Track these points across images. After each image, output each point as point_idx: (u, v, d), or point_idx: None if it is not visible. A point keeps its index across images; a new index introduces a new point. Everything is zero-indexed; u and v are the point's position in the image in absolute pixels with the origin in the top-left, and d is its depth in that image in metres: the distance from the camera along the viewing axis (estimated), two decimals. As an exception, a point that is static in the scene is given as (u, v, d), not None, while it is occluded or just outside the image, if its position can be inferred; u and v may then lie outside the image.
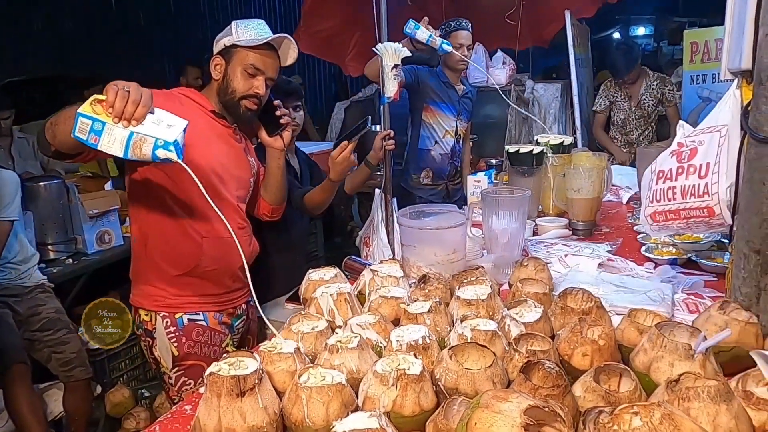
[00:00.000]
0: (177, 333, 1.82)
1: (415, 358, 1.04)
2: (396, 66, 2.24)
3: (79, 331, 2.94)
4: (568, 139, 2.56)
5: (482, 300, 1.31)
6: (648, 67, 4.46)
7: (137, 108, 1.28)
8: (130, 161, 1.74)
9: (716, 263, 1.75)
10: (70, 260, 3.15)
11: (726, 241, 1.81)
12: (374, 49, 2.27)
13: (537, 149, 2.40)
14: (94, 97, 1.29)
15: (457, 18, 3.36)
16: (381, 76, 2.26)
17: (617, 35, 10.11)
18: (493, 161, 4.48)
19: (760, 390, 0.94)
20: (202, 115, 1.80)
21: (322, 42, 4.43)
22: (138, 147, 1.29)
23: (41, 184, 3.13)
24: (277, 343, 1.16)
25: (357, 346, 1.11)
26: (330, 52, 4.72)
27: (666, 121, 4.44)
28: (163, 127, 1.31)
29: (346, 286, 1.46)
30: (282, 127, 1.95)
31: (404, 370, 1.00)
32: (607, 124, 4.54)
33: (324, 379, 1.01)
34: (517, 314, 1.26)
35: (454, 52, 2.93)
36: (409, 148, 3.56)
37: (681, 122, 1.52)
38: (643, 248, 1.95)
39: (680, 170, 1.41)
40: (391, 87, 2.25)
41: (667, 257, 1.85)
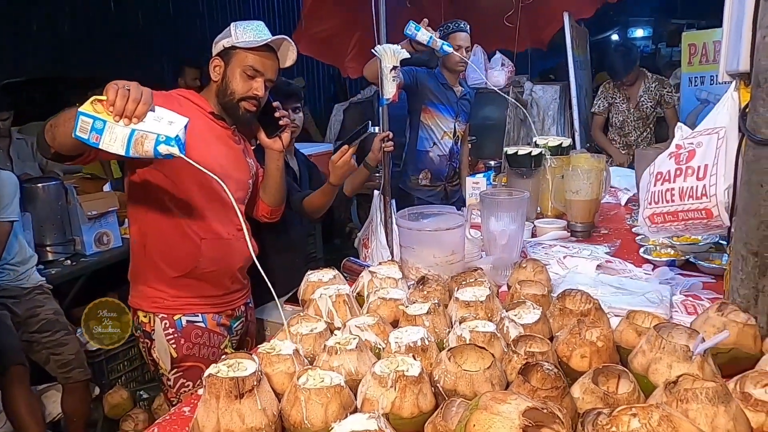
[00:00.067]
0: (176, 334, 1.82)
1: (414, 359, 1.04)
2: (395, 67, 2.24)
3: (78, 333, 2.94)
4: (566, 141, 2.56)
5: (481, 302, 1.32)
6: (646, 69, 4.47)
7: (138, 106, 1.28)
8: (130, 162, 1.75)
9: (714, 265, 1.76)
10: (69, 261, 3.15)
11: (724, 243, 1.81)
12: (373, 50, 2.28)
13: (535, 151, 2.40)
14: (95, 97, 1.30)
15: (456, 20, 3.37)
16: (380, 77, 2.26)
17: (616, 37, 10.14)
18: (492, 163, 4.49)
19: (758, 391, 0.94)
20: (201, 116, 1.80)
21: (321, 43, 4.44)
22: (140, 144, 1.30)
23: (40, 185, 3.12)
24: (275, 344, 1.16)
25: (356, 347, 1.11)
26: (329, 54, 4.73)
27: (664, 122, 4.44)
28: (165, 124, 1.32)
29: (345, 288, 1.46)
30: (281, 128, 1.95)
31: (403, 371, 1.00)
32: (606, 126, 4.55)
33: (323, 381, 1.01)
34: (515, 316, 1.27)
35: (454, 54, 2.94)
36: (408, 150, 3.56)
37: (679, 124, 1.53)
38: (642, 250, 1.96)
39: (678, 172, 1.41)
40: (390, 89, 2.25)
41: (666, 259, 1.86)
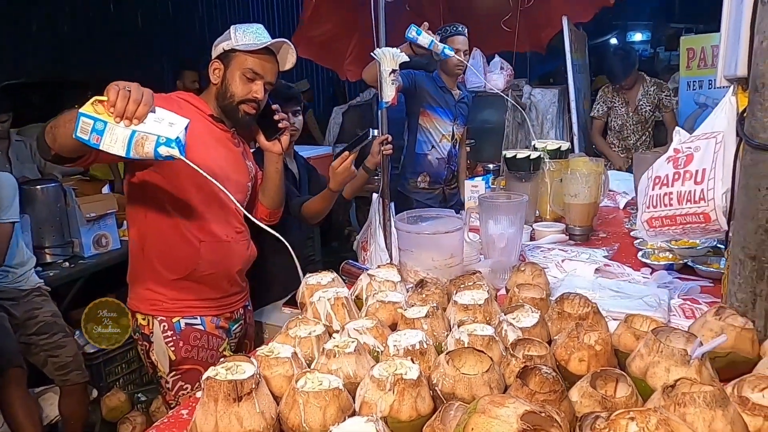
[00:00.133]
0: (174, 337, 1.82)
1: (412, 363, 1.04)
2: (394, 71, 2.25)
3: (76, 335, 2.94)
4: (565, 145, 2.57)
5: (479, 305, 1.32)
6: (645, 73, 4.49)
7: (138, 107, 1.29)
8: (130, 164, 1.75)
9: (712, 269, 1.76)
10: (67, 264, 3.14)
11: (722, 247, 1.81)
12: (372, 54, 2.28)
13: (534, 154, 2.40)
14: (96, 98, 1.30)
15: (454, 23, 3.38)
16: (379, 81, 2.27)
17: (614, 41, 10.16)
18: (491, 166, 4.48)
19: (756, 395, 0.94)
20: (201, 119, 1.81)
21: (320, 47, 4.44)
22: (140, 145, 1.30)
23: (38, 187, 3.12)
24: (274, 347, 1.16)
25: (354, 350, 1.11)
26: (327, 57, 4.73)
27: (663, 126, 4.45)
28: (165, 125, 1.32)
29: (344, 291, 1.46)
30: (280, 131, 1.95)
31: (401, 374, 1.00)
32: (605, 130, 4.56)
33: (321, 384, 1.01)
34: (514, 319, 1.27)
35: (454, 56, 2.95)
36: (406, 153, 3.57)
37: (677, 128, 1.53)
38: (640, 253, 1.96)
39: (676, 176, 1.41)
40: (389, 92, 2.26)
41: (664, 263, 1.86)
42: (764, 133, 1.14)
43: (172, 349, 1.81)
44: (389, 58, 2.23)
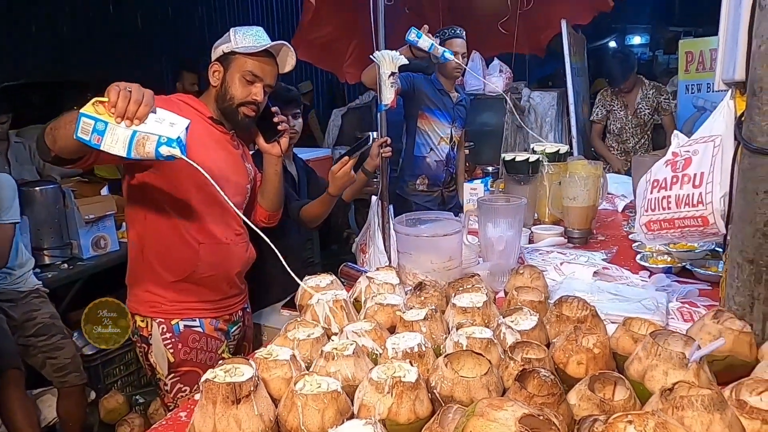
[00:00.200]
0: (173, 339, 1.82)
1: (411, 365, 1.04)
2: (393, 74, 2.25)
3: (74, 336, 2.93)
4: (563, 148, 2.57)
5: (478, 308, 1.32)
6: (644, 76, 4.49)
7: (139, 107, 1.29)
8: (129, 165, 1.74)
9: (711, 272, 1.76)
10: (66, 265, 3.14)
11: (720, 250, 1.82)
12: (371, 56, 2.29)
13: (533, 157, 2.41)
14: (97, 98, 1.30)
15: (452, 26, 3.39)
16: (378, 83, 2.27)
17: (613, 44, 10.19)
18: (490, 169, 4.50)
19: (754, 399, 0.94)
20: (200, 121, 1.81)
21: (320, 49, 4.44)
22: (141, 145, 1.30)
23: (37, 189, 3.12)
24: (272, 349, 1.16)
25: (353, 353, 1.11)
26: (327, 60, 4.73)
27: (662, 129, 4.46)
28: (166, 125, 1.32)
29: (342, 293, 1.46)
30: (279, 133, 1.95)
31: (400, 377, 1.00)
32: (604, 133, 4.57)
33: (319, 387, 1.01)
34: (512, 322, 1.27)
35: (454, 59, 2.95)
36: (405, 155, 3.57)
37: (675, 132, 1.54)
38: (638, 257, 1.96)
39: (675, 179, 1.42)
40: (389, 94, 2.26)
41: (662, 266, 1.86)
42: (762, 137, 1.14)
43: (171, 351, 1.81)
44: (388, 61, 2.24)
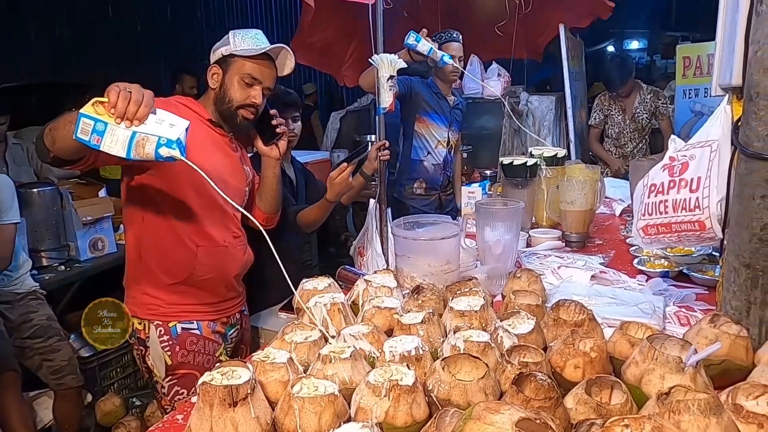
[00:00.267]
0: (171, 342, 1.81)
1: (408, 369, 1.04)
2: (392, 77, 2.26)
3: (71, 338, 2.92)
4: (561, 152, 2.57)
5: (475, 311, 1.32)
6: (642, 81, 4.51)
7: (139, 108, 1.28)
8: (128, 167, 1.74)
9: (707, 276, 1.77)
10: (63, 267, 3.13)
11: (717, 255, 1.82)
12: (370, 60, 2.29)
13: (531, 161, 2.41)
14: (96, 99, 1.30)
15: (448, 30, 3.40)
16: (377, 87, 2.28)
17: (611, 48, 10.22)
18: (488, 172, 4.50)
19: (750, 403, 0.95)
20: (199, 123, 1.81)
21: (319, 52, 4.45)
22: (141, 146, 1.30)
23: (35, 190, 3.11)
24: (270, 352, 1.16)
25: (350, 356, 1.11)
26: (325, 63, 4.74)
27: (659, 134, 4.47)
28: (166, 126, 1.32)
29: (340, 296, 1.46)
30: (278, 136, 1.96)
31: (397, 380, 1.00)
32: (602, 138, 4.57)
33: (317, 390, 1.01)
34: (509, 326, 1.27)
35: (452, 63, 2.96)
36: (402, 159, 3.57)
37: (673, 136, 1.54)
38: (636, 261, 1.96)
39: (672, 184, 1.42)
40: (387, 98, 2.27)
41: (659, 270, 1.86)
42: (758, 142, 1.15)
43: (168, 353, 1.81)
44: (387, 65, 2.25)
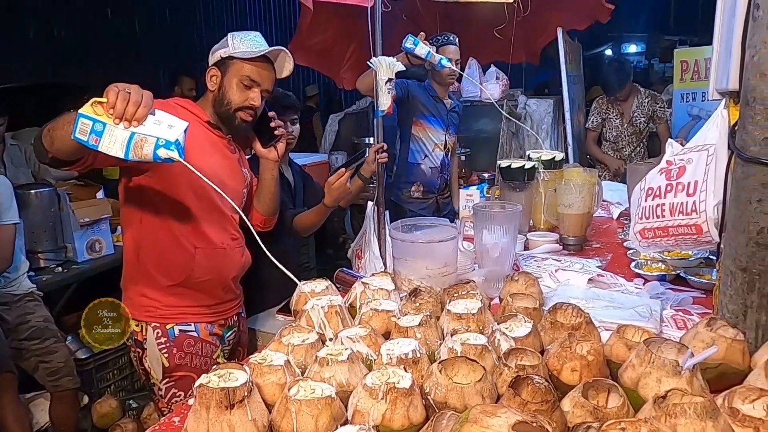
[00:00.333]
0: (168, 344, 1.81)
1: (405, 371, 1.04)
2: (390, 80, 2.26)
3: (68, 340, 2.92)
4: (559, 155, 2.58)
5: (473, 314, 1.32)
6: (639, 85, 4.52)
7: (138, 109, 1.28)
8: (126, 168, 1.74)
9: (704, 280, 1.77)
10: (60, 269, 3.13)
11: (714, 258, 1.82)
12: (369, 62, 2.30)
13: (529, 164, 2.42)
14: (95, 99, 1.30)
15: (445, 33, 3.40)
16: (375, 89, 2.28)
17: (609, 52, 10.25)
18: (486, 175, 4.51)
19: (746, 407, 0.95)
20: (198, 125, 1.81)
21: (317, 54, 4.45)
22: (139, 147, 1.30)
23: (32, 191, 3.11)
24: (267, 355, 1.16)
25: (347, 359, 1.11)
26: (324, 65, 4.75)
27: (657, 137, 4.48)
28: (164, 127, 1.32)
29: (337, 299, 1.46)
30: (276, 138, 1.96)
31: (394, 383, 1.00)
32: (600, 141, 4.58)
33: (314, 392, 1.01)
34: (507, 329, 1.27)
35: (450, 66, 2.96)
36: (399, 162, 3.57)
37: (670, 140, 1.55)
38: (633, 264, 1.97)
39: (669, 188, 1.43)
40: (385, 100, 2.28)
41: (656, 273, 1.87)
42: (755, 146, 1.15)
43: (166, 355, 1.81)
44: (385, 67, 2.25)
